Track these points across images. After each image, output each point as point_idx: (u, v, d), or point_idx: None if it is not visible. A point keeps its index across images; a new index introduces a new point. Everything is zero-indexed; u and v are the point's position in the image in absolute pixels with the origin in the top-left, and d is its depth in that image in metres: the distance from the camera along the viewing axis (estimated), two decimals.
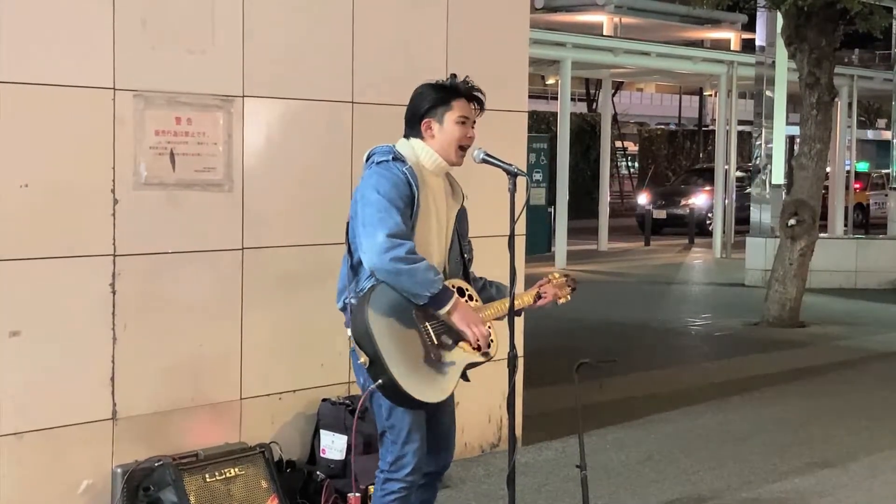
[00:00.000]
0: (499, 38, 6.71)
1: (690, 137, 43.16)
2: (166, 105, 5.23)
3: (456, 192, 4.44)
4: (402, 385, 4.04)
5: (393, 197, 4.10)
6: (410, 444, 4.23)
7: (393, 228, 4.04)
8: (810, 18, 12.57)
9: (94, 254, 5.03)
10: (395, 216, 4.06)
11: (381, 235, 4.03)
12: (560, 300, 4.56)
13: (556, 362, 8.22)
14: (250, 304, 5.59)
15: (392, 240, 4.02)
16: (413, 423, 4.23)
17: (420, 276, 4.04)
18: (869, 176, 33.64)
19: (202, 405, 5.42)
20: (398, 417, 4.21)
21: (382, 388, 4.08)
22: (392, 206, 4.08)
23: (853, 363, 10.56)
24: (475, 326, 4.17)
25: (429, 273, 4.06)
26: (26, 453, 4.86)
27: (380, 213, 4.07)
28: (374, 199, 4.10)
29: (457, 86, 4.31)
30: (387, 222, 4.05)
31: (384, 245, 4.01)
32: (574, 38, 20.95)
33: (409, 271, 4.02)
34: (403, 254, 4.02)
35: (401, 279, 4.04)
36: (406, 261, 4.02)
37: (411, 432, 4.23)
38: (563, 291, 4.56)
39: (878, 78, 27.57)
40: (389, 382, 4.04)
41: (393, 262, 4.01)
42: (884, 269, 16.75)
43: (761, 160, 17.97)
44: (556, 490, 6.20)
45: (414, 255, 4.04)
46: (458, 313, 4.15)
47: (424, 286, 4.06)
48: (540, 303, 4.50)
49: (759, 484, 6.43)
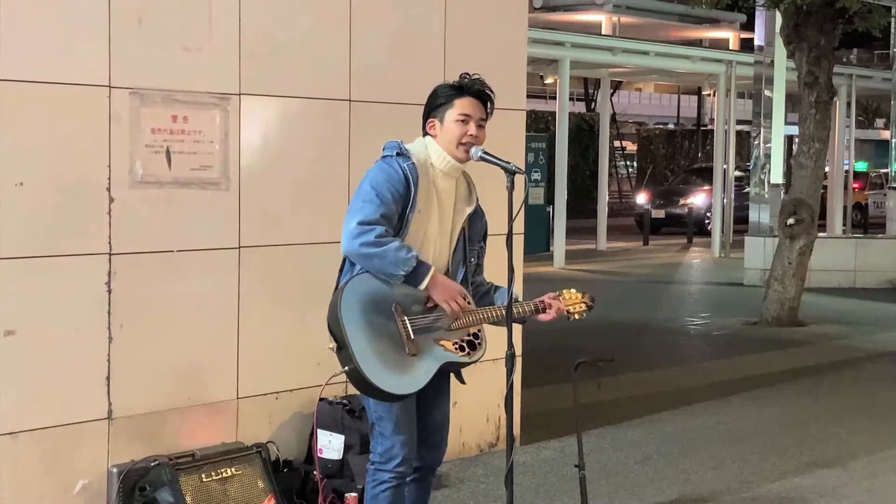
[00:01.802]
0: (497, 36, 6.69)
1: (689, 137, 43.16)
2: (162, 103, 5.20)
3: (471, 196, 4.44)
4: (367, 374, 4.06)
5: (382, 190, 4.15)
6: (399, 436, 4.26)
7: (367, 216, 4.10)
8: (809, 17, 12.56)
9: (89, 252, 5.00)
10: (374, 206, 4.12)
11: (353, 222, 4.11)
12: (574, 315, 4.51)
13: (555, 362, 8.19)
14: (247, 303, 5.57)
15: (362, 226, 4.09)
16: (401, 416, 4.25)
17: (391, 257, 4.08)
18: (868, 175, 33.67)
19: (198, 405, 5.40)
20: (385, 410, 4.25)
21: (348, 375, 4.11)
22: (377, 198, 4.14)
23: (852, 362, 10.55)
24: (451, 300, 4.19)
25: (400, 252, 4.09)
26: (22, 453, 4.84)
27: (362, 203, 4.14)
28: (365, 190, 4.19)
29: (464, 84, 4.33)
30: (364, 210, 4.12)
31: (355, 231, 4.09)
32: (573, 37, 20.94)
33: (379, 254, 4.07)
34: (372, 238, 4.07)
35: (373, 262, 4.10)
36: (375, 244, 4.07)
37: (399, 425, 4.25)
38: (578, 308, 4.51)
39: (876, 77, 27.55)
40: (354, 371, 4.07)
41: (363, 247, 4.08)
42: (882, 269, 16.75)
43: (760, 159, 17.96)
44: (554, 490, 6.18)
45: (383, 238, 4.08)
46: (436, 287, 4.18)
47: (396, 265, 4.09)
48: (543, 317, 4.44)
49: (758, 484, 6.41)
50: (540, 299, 4.46)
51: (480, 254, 4.50)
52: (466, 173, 4.43)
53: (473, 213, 4.43)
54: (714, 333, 12.30)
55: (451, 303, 4.19)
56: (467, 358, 4.26)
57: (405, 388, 4.16)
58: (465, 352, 4.24)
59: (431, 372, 4.19)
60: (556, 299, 4.49)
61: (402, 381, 4.14)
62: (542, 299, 4.47)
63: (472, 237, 4.45)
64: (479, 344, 4.28)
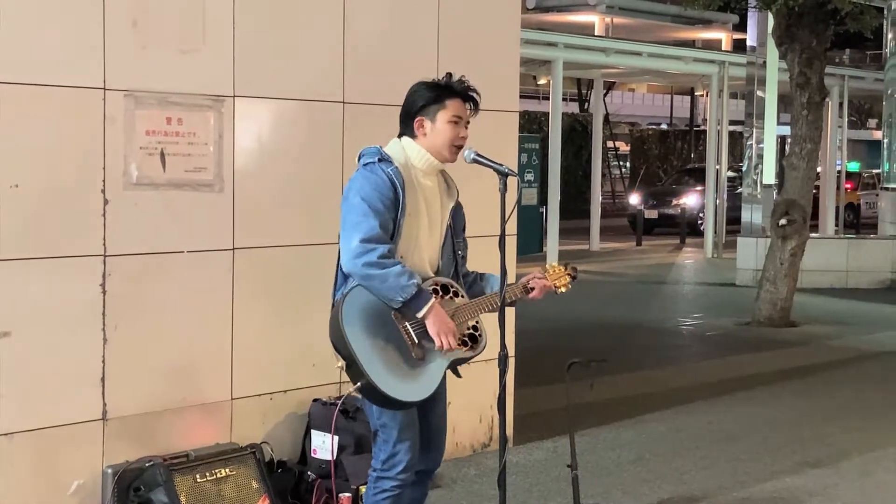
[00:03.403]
0: (490, 37, 6.71)
1: (682, 137, 43.22)
2: (157, 105, 5.21)
3: (451, 190, 4.41)
4: (381, 386, 4.04)
5: (373, 200, 4.09)
6: (403, 443, 4.23)
7: (368, 233, 4.04)
8: (801, 18, 12.58)
9: (84, 254, 5.01)
10: (371, 220, 4.06)
11: (355, 240, 4.04)
12: (559, 289, 4.46)
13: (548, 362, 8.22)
14: (241, 304, 5.58)
15: (365, 245, 4.02)
16: (404, 421, 4.22)
17: (391, 281, 4.03)
18: (860, 176, 33.70)
19: (193, 405, 5.41)
20: (389, 416, 4.21)
21: (362, 391, 4.07)
22: (371, 210, 4.07)
23: (844, 363, 10.57)
24: (444, 336, 4.13)
25: (401, 278, 4.04)
26: (16, 454, 4.85)
27: (357, 217, 4.07)
28: (355, 203, 4.10)
29: (452, 85, 4.29)
30: (362, 226, 4.05)
31: (357, 250, 4.03)
32: (565, 38, 20.95)
33: (380, 276, 4.02)
34: (375, 258, 4.02)
35: (373, 283, 4.05)
36: (377, 265, 4.02)
37: (403, 431, 4.23)
38: (562, 281, 4.47)
39: (868, 78, 27.60)
40: (368, 385, 4.04)
41: (364, 268, 4.02)
42: (875, 269, 16.78)
43: (752, 160, 17.99)
44: (547, 490, 6.20)
45: (386, 259, 4.03)
46: (430, 319, 4.12)
47: (395, 291, 4.05)
48: (532, 295, 4.40)
49: (750, 483, 6.43)
50: (527, 278, 4.43)
51: (465, 246, 4.48)
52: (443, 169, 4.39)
53: (455, 207, 4.42)
54: (706, 334, 12.32)
55: (443, 338, 4.13)
56: (471, 352, 4.25)
57: (419, 393, 4.15)
58: (468, 346, 4.23)
59: (441, 373, 4.19)
60: (543, 277, 4.44)
61: (414, 386, 4.13)
62: (529, 279, 4.42)
63: (456, 230, 4.43)
64: (479, 336, 4.27)
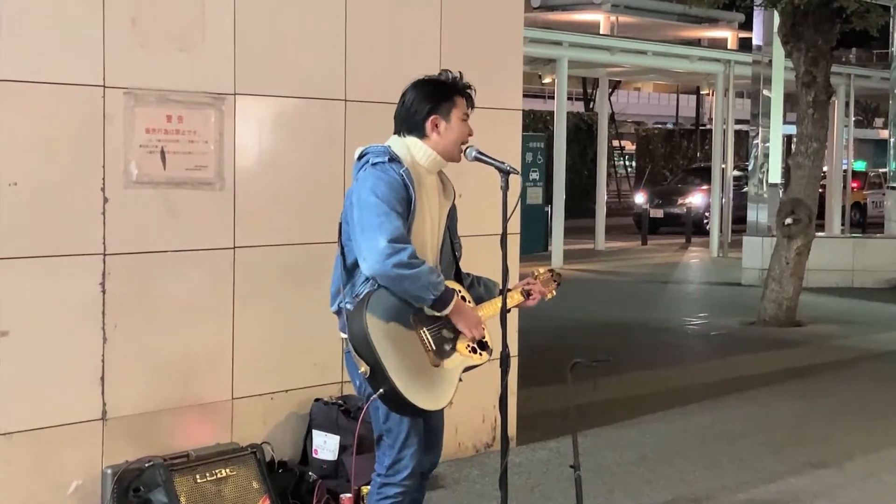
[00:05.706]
0: (493, 35, 6.68)
1: (687, 136, 43.16)
2: (157, 103, 5.20)
3: (447, 190, 4.38)
4: (405, 393, 3.97)
5: (391, 200, 4.02)
6: (408, 448, 4.19)
7: (393, 233, 3.96)
8: (807, 17, 12.55)
9: (83, 253, 5.00)
10: (394, 220, 3.99)
11: (381, 241, 3.94)
12: (548, 296, 4.50)
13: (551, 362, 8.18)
14: (242, 303, 5.56)
15: (393, 245, 3.94)
16: (411, 426, 4.19)
17: (424, 280, 3.98)
18: (866, 175, 33.64)
19: (193, 405, 5.40)
20: (396, 421, 4.17)
21: (384, 398, 4.00)
22: (391, 210, 4.00)
23: (850, 363, 10.54)
24: (475, 329, 4.14)
25: (432, 276, 4.01)
26: (15, 454, 4.84)
27: (379, 218, 3.99)
28: (373, 203, 4.02)
29: (457, 83, 4.27)
30: (386, 227, 3.97)
31: (386, 251, 3.94)
32: (570, 36, 20.93)
33: (413, 276, 3.96)
34: (406, 259, 3.95)
35: (404, 284, 3.98)
36: (409, 266, 3.95)
37: (409, 436, 4.19)
38: (549, 287, 4.51)
39: (875, 77, 27.55)
40: (391, 391, 3.96)
41: (396, 269, 3.94)
42: (881, 268, 16.75)
43: (758, 159, 17.96)
44: (549, 490, 6.18)
45: (416, 259, 3.98)
46: (459, 314, 4.11)
47: (428, 289, 4.00)
48: (530, 302, 4.44)
49: (754, 484, 6.40)
50: (522, 283, 4.45)
51: (461, 247, 4.45)
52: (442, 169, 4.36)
53: (451, 207, 4.38)
54: (711, 333, 12.29)
55: (473, 331, 4.13)
56: (480, 359, 4.21)
57: (439, 402, 4.11)
58: (477, 353, 4.20)
59: (456, 380, 4.14)
60: (536, 283, 4.46)
61: (434, 394, 4.08)
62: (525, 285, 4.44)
63: (452, 231, 4.39)
64: (486, 343, 4.24)
